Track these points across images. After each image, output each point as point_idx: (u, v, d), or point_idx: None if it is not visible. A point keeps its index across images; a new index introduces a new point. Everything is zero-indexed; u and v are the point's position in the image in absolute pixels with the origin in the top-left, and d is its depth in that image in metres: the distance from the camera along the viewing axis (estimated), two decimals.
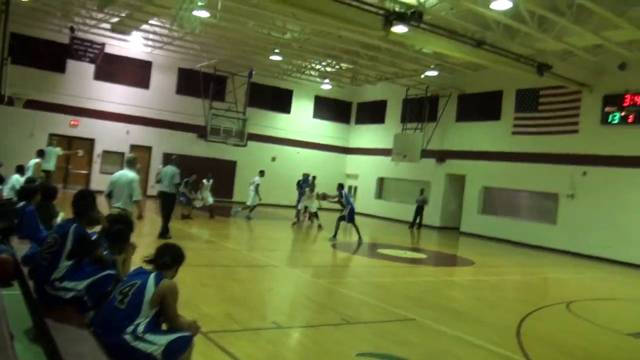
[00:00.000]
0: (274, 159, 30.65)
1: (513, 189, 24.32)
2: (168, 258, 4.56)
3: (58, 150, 19.38)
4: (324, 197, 19.15)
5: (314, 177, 23.17)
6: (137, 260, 4.86)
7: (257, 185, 21.94)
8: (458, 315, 9.07)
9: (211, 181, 20.77)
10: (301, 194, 23.16)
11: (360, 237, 17.88)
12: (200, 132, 28.22)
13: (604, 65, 20.22)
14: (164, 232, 14.03)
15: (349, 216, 18.01)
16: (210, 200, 20.62)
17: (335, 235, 17.72)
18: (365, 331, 7.60)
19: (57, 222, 7.64)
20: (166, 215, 14.27)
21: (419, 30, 16.67)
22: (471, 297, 11.24)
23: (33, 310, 4.81)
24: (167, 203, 14.43)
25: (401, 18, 15.66)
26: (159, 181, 15.36)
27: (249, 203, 22.07)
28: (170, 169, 14.37)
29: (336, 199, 18.67)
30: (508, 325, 8.54)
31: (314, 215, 21.75)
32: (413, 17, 15.53)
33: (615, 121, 20.16)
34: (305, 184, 23.14)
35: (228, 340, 6.32)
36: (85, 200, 5.55)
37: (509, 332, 8.10)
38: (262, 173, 22.53)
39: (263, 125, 30.65)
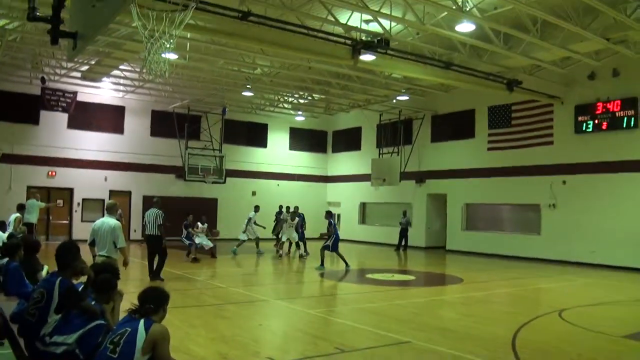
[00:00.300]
0: (254, 194, 30.61)
1: (495, 203, 24.56)
2: (151, 303, 4.50)
3: (40, 204, 19.30)
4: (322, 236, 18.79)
5: (287, 207, 23.16)
6: (126, 307, 4.80)
7: (249, 219, 22.11)
8: (452, 333, 9.04)
9: (206, 224, 20.37)
10: (278, 225, 23.25)
11: (347, 264, 17.86)
12: (178, 172, 28.18)
13: (574, 76, 20.69)
14: (157, 273, 14.13)
15: (334, 245, 17.96)
16: (208, 242, 19.94)
17: (322, 264, 17.66)
18: (360, 359, 7.55)
19: (42, 275, 7.56)
20: (160, 258, 14.31)
21: (387, 56, 16.93)
22: (463, 314, 11.23)
23: None
24: (154, 245, 14.44)
25: (368, 46, 15.91)
26: (144, 225, 15.26)
27: (253, 237, 22.17)
28: (153, 211, 14.42)
29: (327, 231, 18.48)
30: (503, 339, 8.53)
31: (297, 245, 21.76)
32: (380, 44, 15.79)
33: (589, 129, 20.55)
34: (281, 214, 23.23)
35: None
36: (68, 252, 5.53)
37: (505, 346, 8.10)
38: (256, 208, 22.69)
39: (240, 160, 30.68)
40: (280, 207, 24.03)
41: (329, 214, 18.77)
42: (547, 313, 11.08)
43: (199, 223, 19.97)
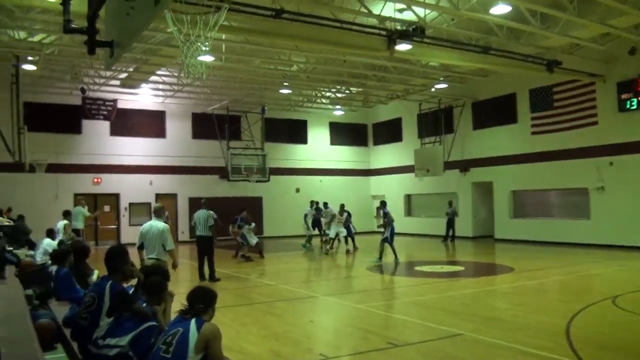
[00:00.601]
0: (298, 190, 30.71)
1: (541, 189, 24.02)
2: (200, 303, 4.52)
3: (85, 211, 19.74)
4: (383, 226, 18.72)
5: (325, 204, 23.13)
6: (176, 308, 4.84)
7: (305, 215, 22.69)
8: (505, 324, 8.88)
9: (253, 224, 20.34)
10: (317, 221, 23.20)
11: (396, 257, 17.78)
12: (222, 173, 28.48)
13: (614, 52, 20.02)
14: (212, 276, 14.32)
15: (391, 237, 17.89)
16: (255, 240, 19.72)
17: (380, 257, 17.64)
18: (413, 352, 7.46)
19: (92, 280, 7.71)
20: (209, 259, 14.51)
21: (423, 45, 16.73)
22: (515, 303, 11.01)
23: None
24: (204, 246, 14.66)
25: (404, 36, 15.72)
26: (194, 226, 15.46)
27: (307, 233, 22.62)
28: (203, 212, 14.63)
29: (383, 222, 18.42)
30: (556, 328, 8.32)
31: (345, 240, 21.80)
32: (415, 33, 15.55)
33: (634, 107, 19.91)
34: (320, 211, 23.17)
35: None
36: (117, 256, 5.61)
37: (559, 336, 7.90)
38: (311, 204, 23.18)
39: (282, 158, 30.82)
40: (317, 202, 23.84)
41: (383, 204, 18.65)
42: (600, 300, 10.76)
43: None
